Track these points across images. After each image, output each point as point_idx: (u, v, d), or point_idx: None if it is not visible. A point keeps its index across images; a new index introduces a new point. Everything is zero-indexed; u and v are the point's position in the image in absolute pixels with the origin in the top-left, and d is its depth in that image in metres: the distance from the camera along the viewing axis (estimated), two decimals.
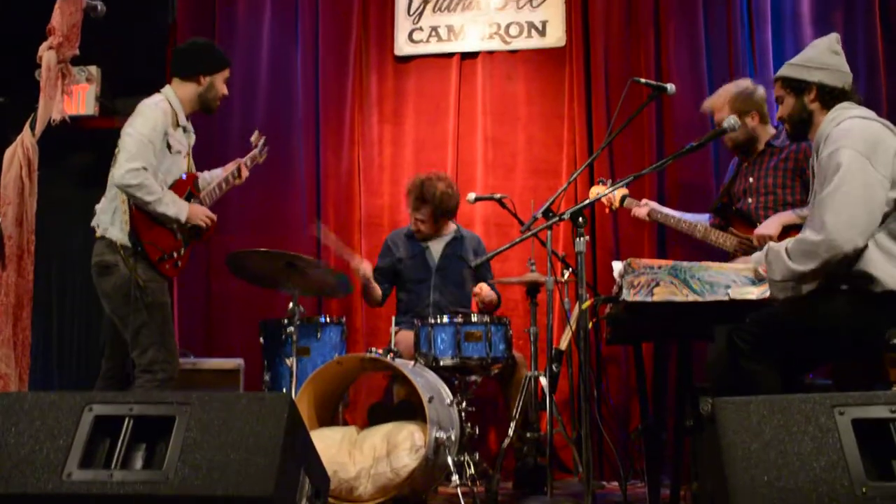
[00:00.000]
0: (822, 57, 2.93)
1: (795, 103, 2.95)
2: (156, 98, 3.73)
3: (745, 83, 4.13)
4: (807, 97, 2.92)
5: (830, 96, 2.90)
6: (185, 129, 3.84)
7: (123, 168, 3.50)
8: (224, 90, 3.91)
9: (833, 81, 2.89)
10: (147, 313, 3.56)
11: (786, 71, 2.99)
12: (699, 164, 4.96)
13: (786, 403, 1.97)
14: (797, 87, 2.94)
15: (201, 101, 3.85)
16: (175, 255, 3.72)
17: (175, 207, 3.63)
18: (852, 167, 2.65)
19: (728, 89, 4.16)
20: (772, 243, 2.82)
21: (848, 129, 2.75)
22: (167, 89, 3.81)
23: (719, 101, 4.14)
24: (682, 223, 4.16)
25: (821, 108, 2.91)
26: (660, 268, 2.67)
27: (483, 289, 4.51)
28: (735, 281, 2.66)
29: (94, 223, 3.70)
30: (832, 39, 2.97)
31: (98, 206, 3.71)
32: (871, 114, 2.84)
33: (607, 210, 4.70)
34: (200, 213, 3.77)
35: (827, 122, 2.86)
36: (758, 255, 2.81)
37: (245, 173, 4.15)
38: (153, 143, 3.60)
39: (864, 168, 2.65)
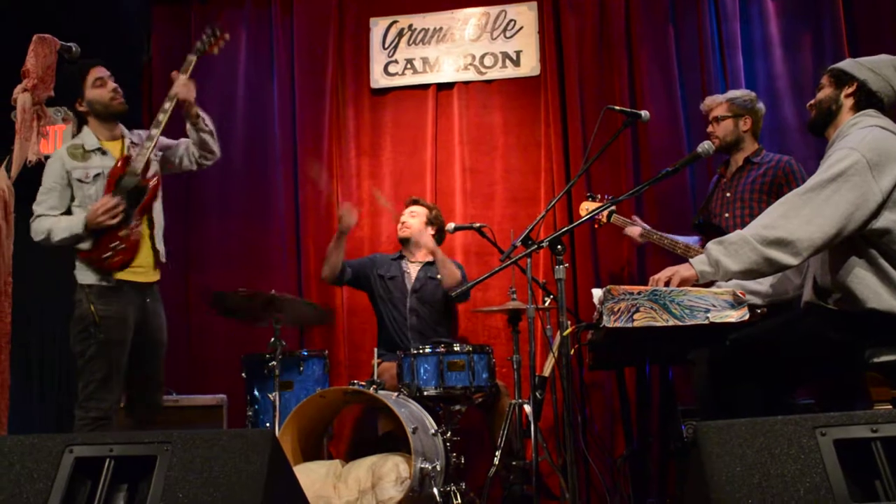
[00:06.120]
0: (880, 65, 2.86)
1: (832, 93, 2.90)
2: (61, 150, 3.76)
3: (751, 93, 4.19)
4: (845, 90, 2.86)
5: (866, 98, 2.83)
6: (102, 152, 3.74)
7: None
8: (103, 88, 3.76)
9: (876, 87, 2.82)
10: (97, 349, 3.52)
11: (840, 64, 2.93)
12: (676, 184, 5.00)
13: (768, 426, 1.96)
14: (842, 78, 2.88)
15: (99, 114, 3.78)
16: (114, 245, 3.63)
17: (68, 228, 3.61)
18: (851, 171, 2.58)
19: (732, 92, 4.24)
20: (711, 243, 2.71)
21: (864, 135, 2.68)
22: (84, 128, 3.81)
23: (719, 100, 4.21)
24: (678, 245, 4.14)
25: (850, 107, 2.86)
26: (639, 293, 2.67)
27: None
28: (714, 305, 2.65)
29: None
30: None
31: None
32: (894, 126, 2.76)
33: (596, 226, 4.76)
34: (98, 212, 3.59)
35: (847, 125, 2.81)
36: (699, 259, 2.69)
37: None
38: (52, 189, 3.64)
39: (864, 176, 2.58)
